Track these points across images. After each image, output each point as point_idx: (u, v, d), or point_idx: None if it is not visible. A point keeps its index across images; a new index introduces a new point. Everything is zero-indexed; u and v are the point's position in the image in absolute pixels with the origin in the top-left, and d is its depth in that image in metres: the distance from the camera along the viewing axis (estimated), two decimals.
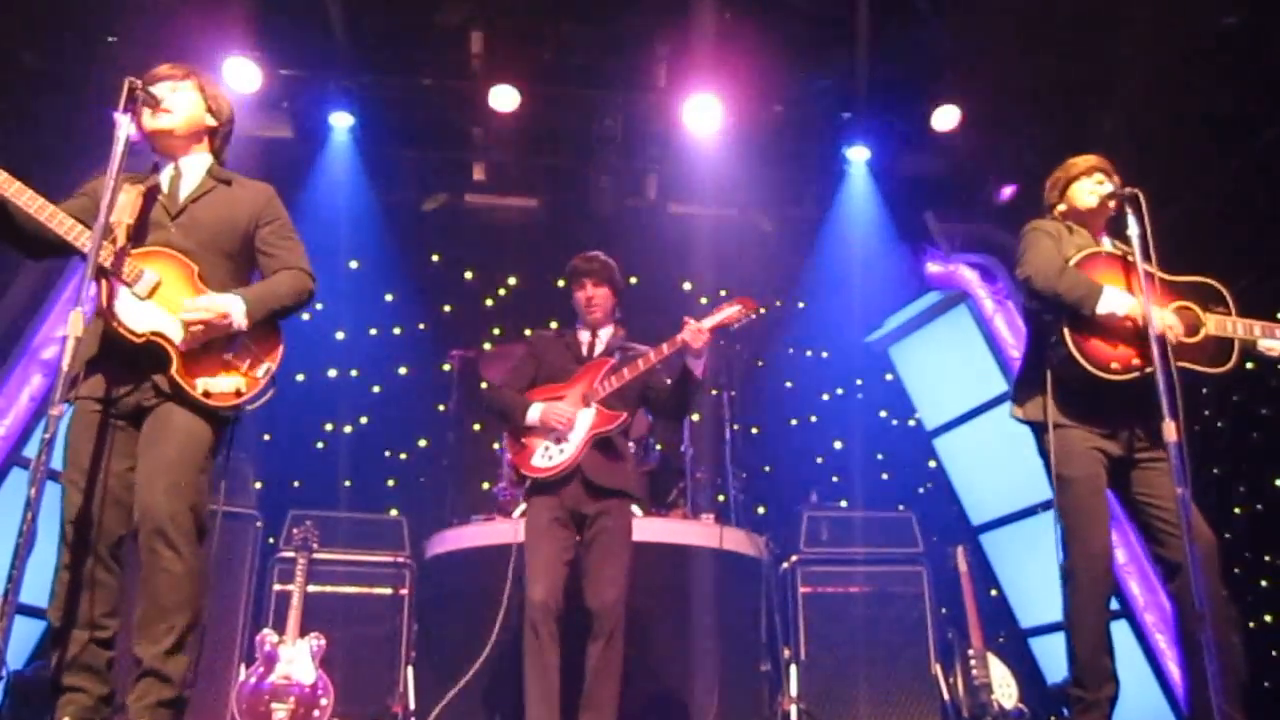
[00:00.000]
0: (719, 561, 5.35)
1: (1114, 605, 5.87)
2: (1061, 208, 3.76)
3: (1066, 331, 3.41)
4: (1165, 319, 3.39)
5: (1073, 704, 3.43)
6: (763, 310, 4.17)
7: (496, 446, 4.99)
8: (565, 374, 4.26)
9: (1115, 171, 3.71)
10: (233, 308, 3.01)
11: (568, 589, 4.02)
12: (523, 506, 4.47)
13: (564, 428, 4.08)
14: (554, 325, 4.59)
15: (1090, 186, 3.67)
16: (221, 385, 3.01)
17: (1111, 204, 3.60)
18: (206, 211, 3.16)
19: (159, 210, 3.12)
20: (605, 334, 4.38)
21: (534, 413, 4.12)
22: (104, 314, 2.92)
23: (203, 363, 3.01)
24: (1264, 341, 3.53)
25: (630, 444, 5.74)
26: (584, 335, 4.39)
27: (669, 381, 4.25)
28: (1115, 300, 3.39)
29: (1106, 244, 3.67)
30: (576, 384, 4.21)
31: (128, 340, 2.93)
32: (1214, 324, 3.52)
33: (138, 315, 2.95)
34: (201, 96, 3.25)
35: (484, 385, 4.44)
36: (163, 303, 2.98)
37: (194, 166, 3.23)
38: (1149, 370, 3.24)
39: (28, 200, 2.87)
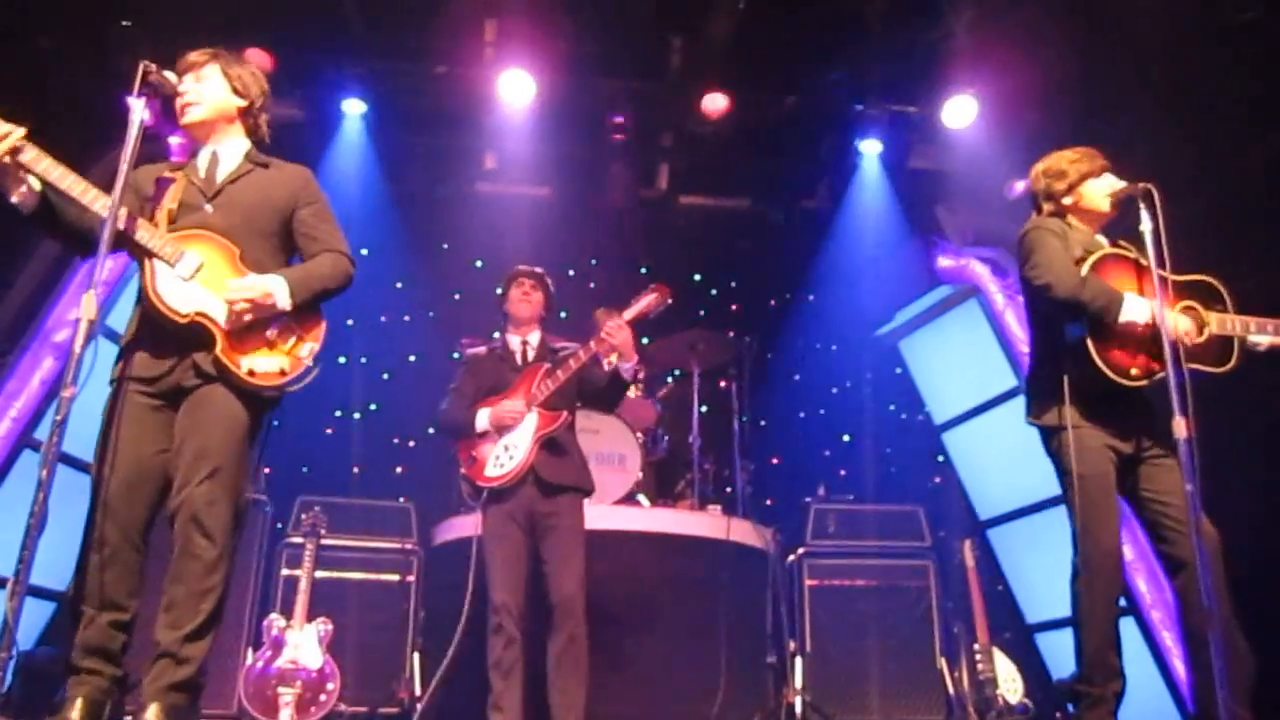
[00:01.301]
0: (726, 553, 5.36)
1: (1121, 602, 5.88)
2: (1068, 201, 3.69)
3: (1089, 341, 3.40)
4: (1180, 324, 3.39)
5: (1079, 700, 3.43)
6: (669, 301, 4.37)
7: None
8: (504, 384, 4.42)
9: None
10: (277, 289, 3.05)
11: (527, 587, 4.19)
12: None
13: (516, 421, 4.25)
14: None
15: (1105, 187, 3.63)
16: (266, 365, 3.05)
17: (1115, 202, 3.59)
18: (243, 193, 3.18)
19: (195, 193, 3.15)
20: (534, 338, 4.58)
21: (483, 418, 4.32)
22: (147, 295, 2.95)
23: (247, 342, 3.04)
24: (1253, 336, 3.53)
25: (640, 435, 5.76)
26: (514, 342, 4.56)
27: (604, 374, 4.37)
28: (1135, 309, 3.38)
29: (1104, 241, 3.65)
30: (517, 391, 4.36)
31: (172, 321, 2.96)
32: (1216, 323, 3.53)
33: (182, 296, 2.98)
34: (226, 79, 3.26)
35: (439, 412, 4.58)
36: (206, 284, 3.01)
37: (230, 150, 3.27)
38: (1163, 374, 3.24)
39: (81, 191, 2.88)
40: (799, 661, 5.46)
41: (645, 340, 7.14)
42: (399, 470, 7.52)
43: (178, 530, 2.91)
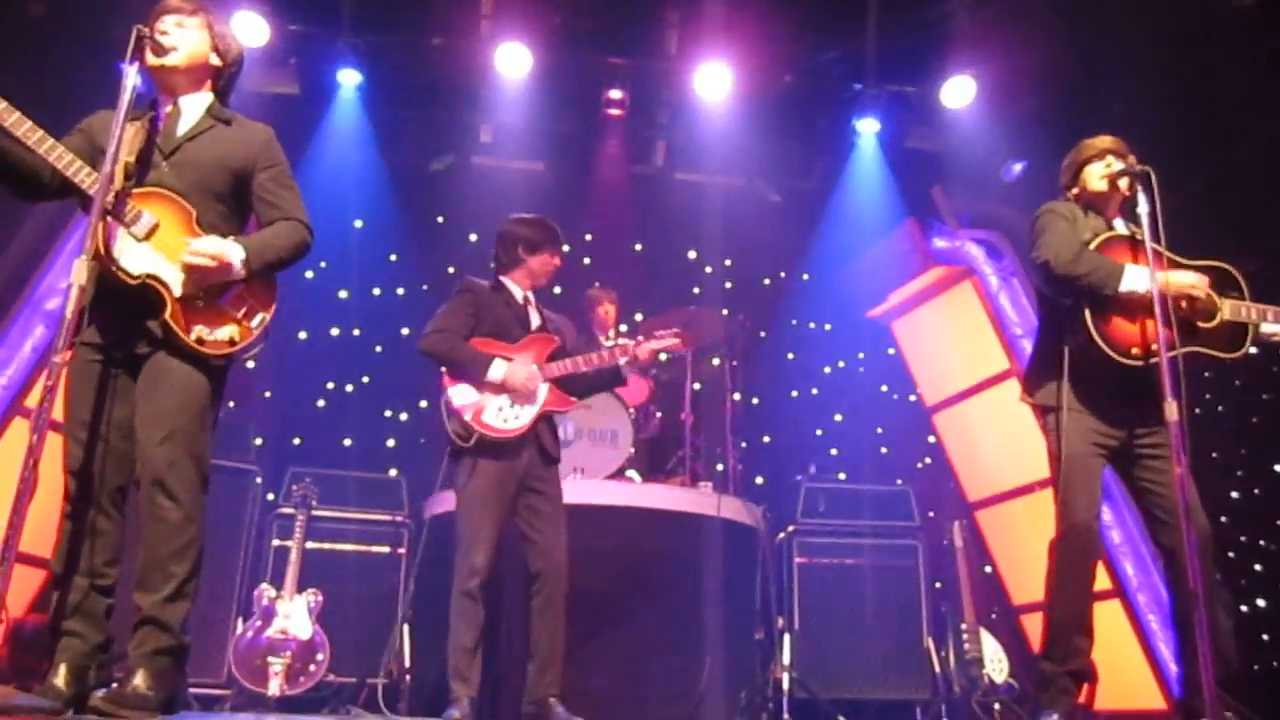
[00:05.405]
0: (716, 529, 5.37)
1: (1107, 585, 5.92)
2: (1074, 190, 3.76)
3: (1088, 315, 3.39)
4: (1187, 279, 3.39)
5: (1039, 677, 3.44)
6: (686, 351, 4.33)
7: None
8: (510, 335, 4.25)
9: (1129, 153, 3.68)
10: (233, 255, 2.97)
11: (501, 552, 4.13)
12: None
13: (527, 395, 4.13)
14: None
15: (1101, 170, 3.66)
16: (216, 333, 2.98)
17: (1123, 184, 3.59)
18: (201, 150, 3.08)
19: (152, 148, 3.04)
20: (532, 295, 4.44)
21: (497, 371, 4.10)
22: (99, 255, 2.82)
23: (198, 309, 2.97)
24: (1266, 326, 3.53)
25: (633, 412, 5.77)
26: (518, 293, 4.38)
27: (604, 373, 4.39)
28: (1138, 278, 3.36)
29: (1121, 227, 3.65)
30: (524, 351, 4.24)
31: (122, 282, 2.88)
32: (1229, 309, 3.51)
33: (134, 257, 2.91)
34: (208, 35, 3.16)
35: (430, 332, 4.30)
36: (159, 246, 2.93)
37: (194, 105, 3.16)
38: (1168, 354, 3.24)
39: (27, 131, 2.80)
40: (786, 638, 5.49)
41: (639, 317, 7.14)
42: (390, 443, 7.52)
43: (142, 494, 2.89)
